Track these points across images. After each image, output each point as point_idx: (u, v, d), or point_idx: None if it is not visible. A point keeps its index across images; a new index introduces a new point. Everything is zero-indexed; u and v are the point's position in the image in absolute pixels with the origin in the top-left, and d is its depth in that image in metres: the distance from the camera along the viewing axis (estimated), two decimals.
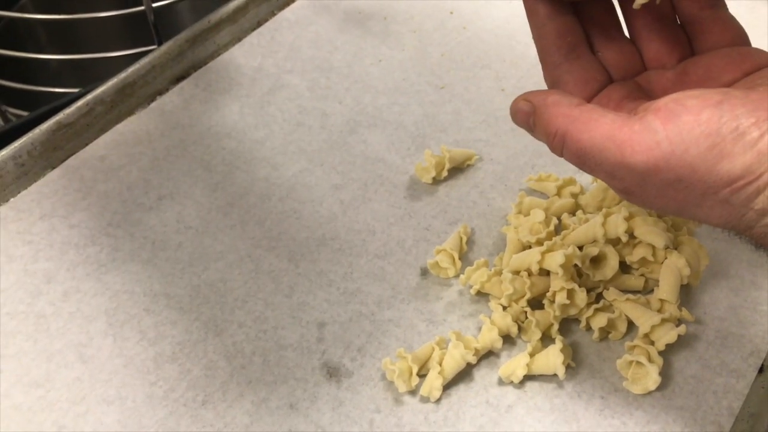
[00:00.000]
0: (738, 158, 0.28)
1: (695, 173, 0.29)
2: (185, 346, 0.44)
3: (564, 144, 0.32)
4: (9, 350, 0.44)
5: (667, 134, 0.29)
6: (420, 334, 0.44)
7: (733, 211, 0.29)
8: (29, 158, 0.53)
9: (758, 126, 0.28)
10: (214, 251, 0.49)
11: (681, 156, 0.29)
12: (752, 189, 0.28)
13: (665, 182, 0.29)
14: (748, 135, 0.28)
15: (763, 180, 0.28)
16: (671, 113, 0.29)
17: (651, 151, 0.29)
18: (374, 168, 0.54)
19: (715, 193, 0.29)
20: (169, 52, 0.59)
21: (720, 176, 0.28)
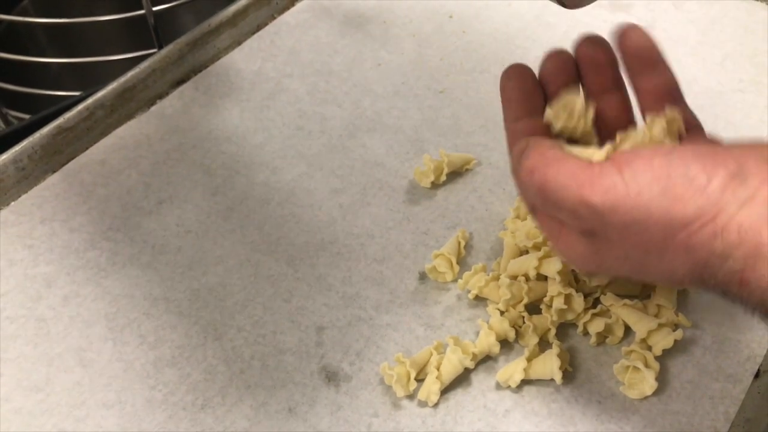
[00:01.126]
0: (689, 202, 0.29)
1: (651, 216, 0.30)
2: (185, 350, 0.44)
3: (531, 177, 0.33)
4: (9, 354, 0.44)
5: (623, 177, 0.30)
6: (418, 339, 0.45)
7: (697, 257, 0.30)
8: (30, 162, 0.53)
9: (706, 172, 0.29)
10: (214, 255, 0.49)
11: (635, 198, 0.30)
12: (708, 231, 0.29)
13: (623, 223, 0.31)
14: (697, 180, 0.29)
15: (718, 222, 0.29)
16: (626, 160, 0.31)
17: (607, 192, 0.30)
18: (373, 172, 0.54)
19: (674, 237, 0.30)
20: (169, 55, 0.59)
21: (675, 219, 0.29)
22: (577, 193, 0.31)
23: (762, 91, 0.58)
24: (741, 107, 0.57)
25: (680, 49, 0.63)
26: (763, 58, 0.61)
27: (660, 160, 0.30)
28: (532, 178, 0.33)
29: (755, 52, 0.62)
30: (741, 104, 0.58)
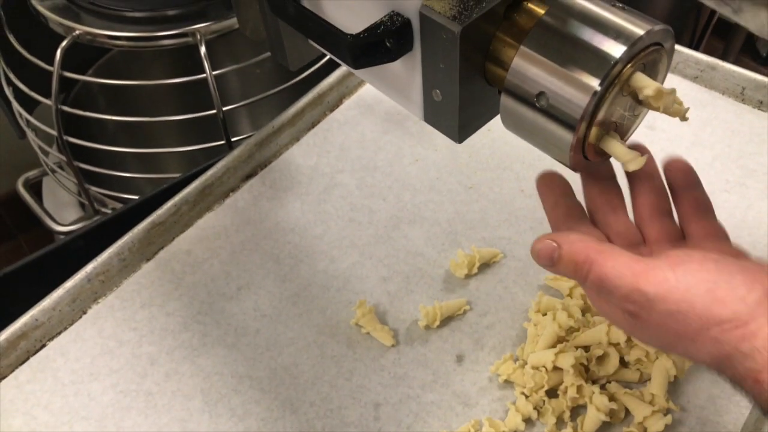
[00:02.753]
0: (729, 305, 0.35)
1: (693, 308, 0.36)
2: (268, 422, 0.55)
3: (590, 270, 0.39)
4: (126, 423, 0.55)
5: (675, 273, 0.36)
6: (457, 416, 0.55)
7: (722, 349, 0.36)
8: (129, 254, 0.63)
9: (746, 285, 0.35)
10: (286, 337, 0.59)
11: (684, 292, 0.36)
12: (739, 333, 0.35)
13: (668, 311, 0.36)
14: (738, 289, 0.35)
15: (749, 328, 0.35)
16: (679, 259, 0.37)
17: (661, 283, 0.36)
18: (415, 261, 0.65)
19: (708, 329, 0.36)
20: (240, 155, 0.69)
21: (713, 315, 0.35)
22: (632, 281, 0.36)
23: (745, 192, 0.68)
24: (726, 207, 0.67)
25: (677, 149, 0.73)
26: (748, 160, 0.71)
27: (710, 265, 0.36)
28: (591, 271, 0.38)
29: (741, 154, 0.72)
30: (726, 204, 0.67)
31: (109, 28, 0.75)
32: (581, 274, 0.39)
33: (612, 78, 0.38)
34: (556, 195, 0.44)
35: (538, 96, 0.40)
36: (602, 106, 0.39)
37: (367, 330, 0.59)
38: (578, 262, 0.39)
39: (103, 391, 0.56)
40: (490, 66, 0.43)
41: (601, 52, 0.38)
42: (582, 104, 0.38)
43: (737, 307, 0.35)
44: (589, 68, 0.38)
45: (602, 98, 0.38)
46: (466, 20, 0.39)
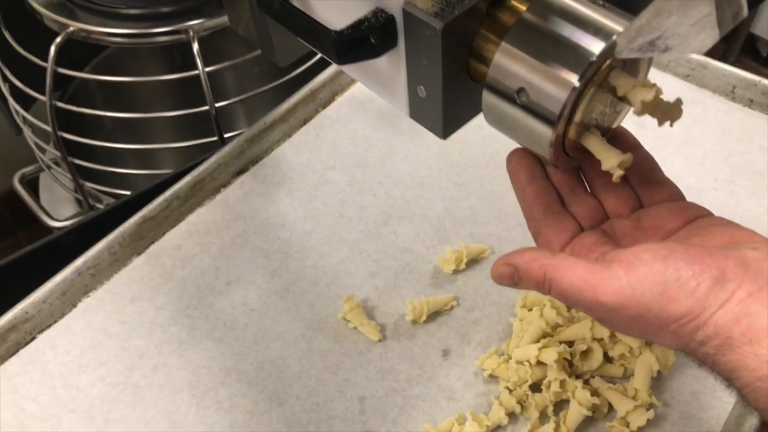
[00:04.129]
0: (681, 302, 0.37)
1: (650, 312, 0.38)
2: (254, 415, 0.55)
3: (551, 287, 0.41)
4: (114, 416, 0.55)
5: (629, 281, 0.38)
6: (442, 410, 0.55)
7: (681, 341, 0.38)
8: (120, 248, 0.64)
9: (695, 277, 0.37)
10: (274, 331, 0.60)
11: (639, 298, 0.38)
12: (693, 326, 0.37)
13: (629, 317, 0.39)
14: (688, 284, 0.37)
15: (701, 319, 0.37)
16: (631, 265, 0.39)
17: (617, 293, 0.39)
18: (403, 257, 0.65)
19: (667, 327, 0.38)
20: (232, 151, 0.70)
21: (669, 315, 0.38)
22: (592, 295, 0.39)
23: (733, 190, 0.69)
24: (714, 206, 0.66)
25: (667, 147, 0.73)
26: (737, 158, 0.72)
27: (659, 266, 0.38)
28: (552, 289, 0.41)
29: (730, 152, 0.72)
30: (715, 203, 0.68)
31: (103, 25, 0.75)
32: (544, 291, 0.41)
33: (591, 74, 0.38)
34: (526, 177, 0.46)
35: (518, 92, 0.40)
36: (581, 102, 0.39)
37: (355, 324, 0.60)
38: (537, 281, 0.41)
39: (91, 384, 0.57)
40: (473, 62, 0.43)
41: (580, 48, 0.38)
42: (561, 100, 0.39)
43: (689, 302, 0.37)
44: (568, 64, 0.38)
45: (581, 94, 0.39)
46: (448, 17, 0.39)
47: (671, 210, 0.44)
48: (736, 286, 0.36)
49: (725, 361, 0.36)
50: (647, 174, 0.46)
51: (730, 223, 0.42)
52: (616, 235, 0.45)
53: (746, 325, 0.36)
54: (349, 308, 0.60)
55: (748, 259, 0.37)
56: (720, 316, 0.36)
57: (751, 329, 0.35)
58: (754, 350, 0.35)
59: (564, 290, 0.40)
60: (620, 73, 0.40)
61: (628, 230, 0.45)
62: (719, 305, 0.36)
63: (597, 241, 0.44)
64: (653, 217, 0.45)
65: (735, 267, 0.37)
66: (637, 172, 0.46)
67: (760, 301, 0.36)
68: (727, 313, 0.36)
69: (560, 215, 0.45)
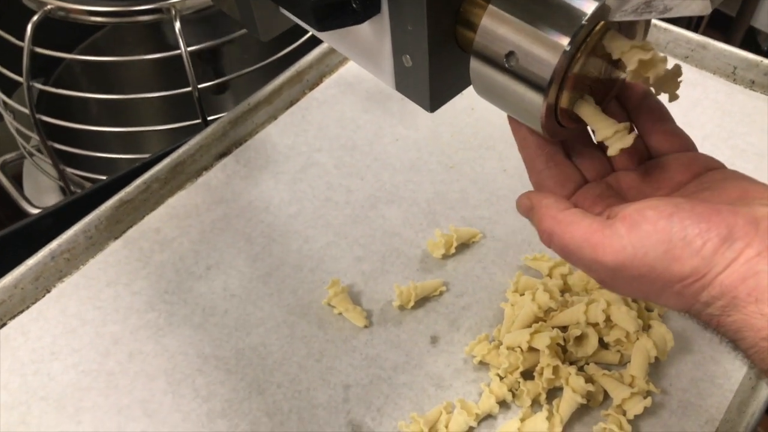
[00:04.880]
0: (686, 262, 0.35)
1: (654, 271, 0.36)
2: (233, 403, 0.53)
3: (551, 240, 0.39)
4: (86, 403, 0.53)
5: (631, 240, 0.36)
6: (430, 398, 0.53)
7: (685, 301, 0.37)
8: (96, 231, 0.61)
9: (701, 236, 0.35)
10: (255, 318, 0.57)
11: (642, 258, 0.36)
12: (698, 286, 0.35)
13: (631, 277, 0.37)
14: (694, 243, 0.35)
15: (706, 279, 0.35)
16: (634, 222, 0.37)
17: (618, 253, 0.37)
18: (391, 242, 0.63)
19: (671, 287, 0.36)
20: (214, 133, 0.67)
21: (673, 275, 0.36)
22: (592, 253, 0.37)
23: None
24: None
25: None
26: (738, 140, 0.69)
27: (663, 224, 0.36)
28: (552, 242, 0.39)
29: (731, 134, 0.70)
30: None
31: (82, 3, 0.73)
32: (545, 241, 0.40)
33: (582, 37, 0.36)
34: (528, 127, 0.43)
35: (507, 56, 0.38)
36: (574, 66, 0.37)
37: (340, 310, 0.57)
38: (542, 229, 0.40)
39: (63, 371, 0.54)
40: (461, 29, 0.41)
41: (571, 9, 0.36)
42: (551, 64, 0.36)
43: (694, 262, 0.35)
44: (558, 26, 0.36)
45: (573, 58, 0.37)
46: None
47: (680, 162, 0.42)
48: (745, 245, 0.34)
49: (730, 322, 0.35)
50: (657, 123, 0.43)
51: (743, 177, 0.39)
52: (622, 188, 0.43)
53: (753, 284, 0.34)
54: (334, 293, 0.57)
55: (758, 217, 0.35)
56: (726, 275, 0.35)
57: (757, 288, 0.34)
58: (759, 309, 0.33)
59: (564, 246, 0.39)
60: (615, 35, 0.37)
61: (634, 183, 0.43)
62: (726, 265, 0.35)
63: (601, 194, 0.42)
64: (661, 169, 0.42)
65: (744, 225, 0.35)
66: (646, 122, 0.43)
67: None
68: (733, 273, 0.34)
69: (563, 166, 0.43)
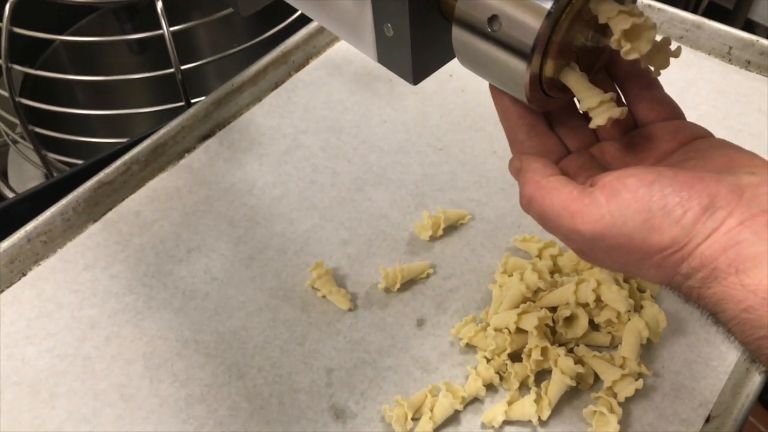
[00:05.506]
0: (666, 232, 0.34)
1: (632, 242, 0.35)
2: (212, 388, 0.51)
3: (530, 205, 0.38)
4: (61, 388, 0.51)
5: (609, 209, 0.35)
6: (415, 381, 0.51)
7: (665, 273, 0.35)
8: (74, 214, 0.60)
9: (682, 205, 0.34)
10: (237, 301, 0.56)
11: (620, 228, 0.35)
12: (678, 257, 0.34)
13: (609, 247, 0.36)
14: (674, 213, 0.34)
15: (686, 250, 0.34)
16: (614, 190, 0.35)
17: (596, 222, 0.35)
18: (378, 224, 0.61)
19: (650, 258, 0.35)
20: (196, 114, 0.66)
21: (652, 246, 0.34)
22: (570, 221, 0.36)
23: None
24: None
25: None
26: (733, 121, 0.67)
27: (643, 192, 0.34)
28: (531, 207, 0.38)
29: (726, 114, 0.68)
30: None
31: None
32: (524, 206, 0.39)
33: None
34: (510, 97, 0.41)
35: (490, 21, 0.37)
36: (558, 31, 0.35)
37: (323, 293, 0.56)
38: (521, 194, 0.39)
39: (38, 356, 0.53)
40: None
41: None
42: (534, 29, 0.35)
43: (674, 232, 0.34)
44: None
45: (558, 22, 0.35)
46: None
47: (666, 130, 0.40)
48: (727, 214, 0.33)
49: (710, 294, 0.33)
50: (644, 91, 0.41)
51: (730, 146, 0.38)
52: (606, 158, 0.41)
53: (733, 254, 0.32)
54: (318, 275, 0.56)
55: (743, 185, 0.34)
56: (707, 246, 0.33)
57: (738, 258, 0.32)
58: (740, 280, 0.32)
59: (543, 213, 0.38)
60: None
61: (618, 153, 0.41)
62: (707, 235, 0.33)
63: (584, 164, 0.41)
64: (646, 138, 0.41)
65: (727, 193, 0.34)
66: (633, 89, 0.42)
67: (751, 229, 0.32)
68: (714, 243, 0.33)
69: (545, 137, 0.41)
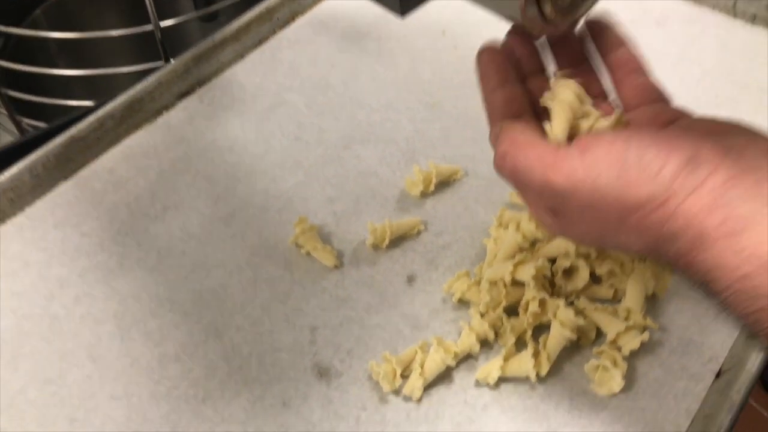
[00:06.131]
0: (643, 187, 0.31)
1: (605, 199, 0.32)
2: (187, 347, 0.48)
3: (504, 161, 0.36)
4: (25, 349, 0.48)
5: (583, 161, 0.33)
6: (405, 339, 0.48)
7: (647, 237, 0.32)
8: (44, 170, 0.56)
9: (660, 158, 0.31)
10: (216, 259, 0.53)
11: (593, 182, 0.32)
12: (659, 215, 0.31)
13: (582, 206, 0.33)
14: (651, 166, 0.31)
15: (667, 208, 0.30)
16: (588, 144, 0.33)
17: (569, 175, 0.33)
18: (367, 182, 0.58)
19: (628, 218, 0.32)
20: (175, 69, 0.63)
21: (627, 202, 0.31)
22: (542, 174, 0.34)
23: (737, 107, 0.61)
24: None
25: (661, 66, 0.66)
26: (740, 75, 0.64)
27: (619, 146, 0.32)
28: (504, 163, 0.36)
29: (732, 69, 0.65)
30: None
31: None
32: (497, 164, 0.37)
33: None
34: (497, 79, 0.40)
35: None
36: None
37: (308, 250, 0.52)
38: (497, 152, 0.36)
39: (0, 315, 0.49)
40: None
41: None
42: None
43: (650, 187, 0.31)
44: None
45: None
46: None
47: (646, 113, 0.39)
48: (711, 171, 0.30)
49: (700, 261, 0.30)
50: (630, 75, 0.40)
51: (713, 119, 0.36)
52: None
53: (722, 215, 0.29)
54: (301, 231, 0.52)
55: (729, 143, 0.31)
56: (690, 204, 0.30)
57: (729, 219, 0.29)
58: (732, 244, 0.29)
59: (515, 166, 0.35)
60: None
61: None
62: (689, 191, 0.30)
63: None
64: (631, 120, 0.39)
65: (711, 149, 0.31)
66: (618, 72, 0.40)
67: (742, 187, 0.29)
68: (698, 201, 0.30)
69: (531, 118, 0.39)
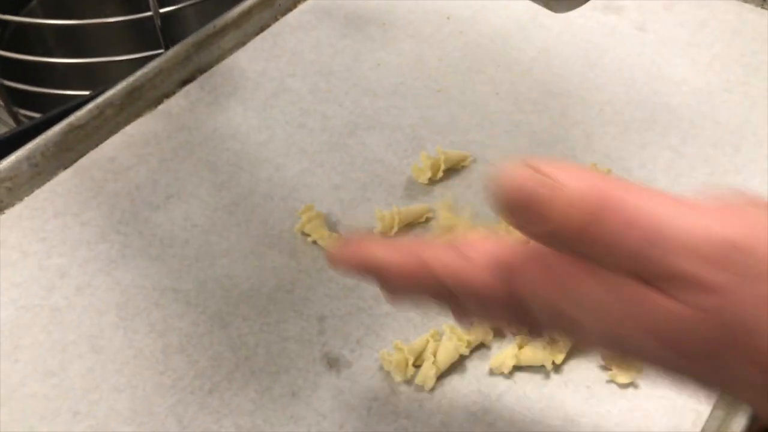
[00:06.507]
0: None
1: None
2: (192, 338, 0.46)
3: (603, 218, 0.24)
4: (25, 341, 0.46)
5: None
6: (416, 327, 0.47)
7: None
8: (42, 159, 0.55)
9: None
10: (220, 248, 0.51)
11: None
12: None
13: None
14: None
15: None
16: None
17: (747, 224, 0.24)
18: (373, 169, 0.56)
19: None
20: (176, 56, 0.61)
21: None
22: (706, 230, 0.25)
23: (748, 91, 0.60)
24: (728, 107, 0.59)
25: (670, 50, 0.65)
26: (751, 59, 0.63)
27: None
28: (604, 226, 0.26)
29: (742, 53, 0.64)
30: (728, 104, 0.60)
31: None
32: (585, 226, 0.24)
33: None
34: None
35: None
36: None
37: (314, 238, 0.51)
38: (588, 202, 0.24)
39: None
40: None
41: None
42: None
43: None
44: None
45: None
46: None
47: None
48: None
49: None
50: None
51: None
52: None
53: None
54: (308, 219, 0.51)
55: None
56: None
57: None
58: None
59: (651, 222, 0.25)
60: None
61: None
62: None
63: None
64: None
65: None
66: None
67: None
68: None
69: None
